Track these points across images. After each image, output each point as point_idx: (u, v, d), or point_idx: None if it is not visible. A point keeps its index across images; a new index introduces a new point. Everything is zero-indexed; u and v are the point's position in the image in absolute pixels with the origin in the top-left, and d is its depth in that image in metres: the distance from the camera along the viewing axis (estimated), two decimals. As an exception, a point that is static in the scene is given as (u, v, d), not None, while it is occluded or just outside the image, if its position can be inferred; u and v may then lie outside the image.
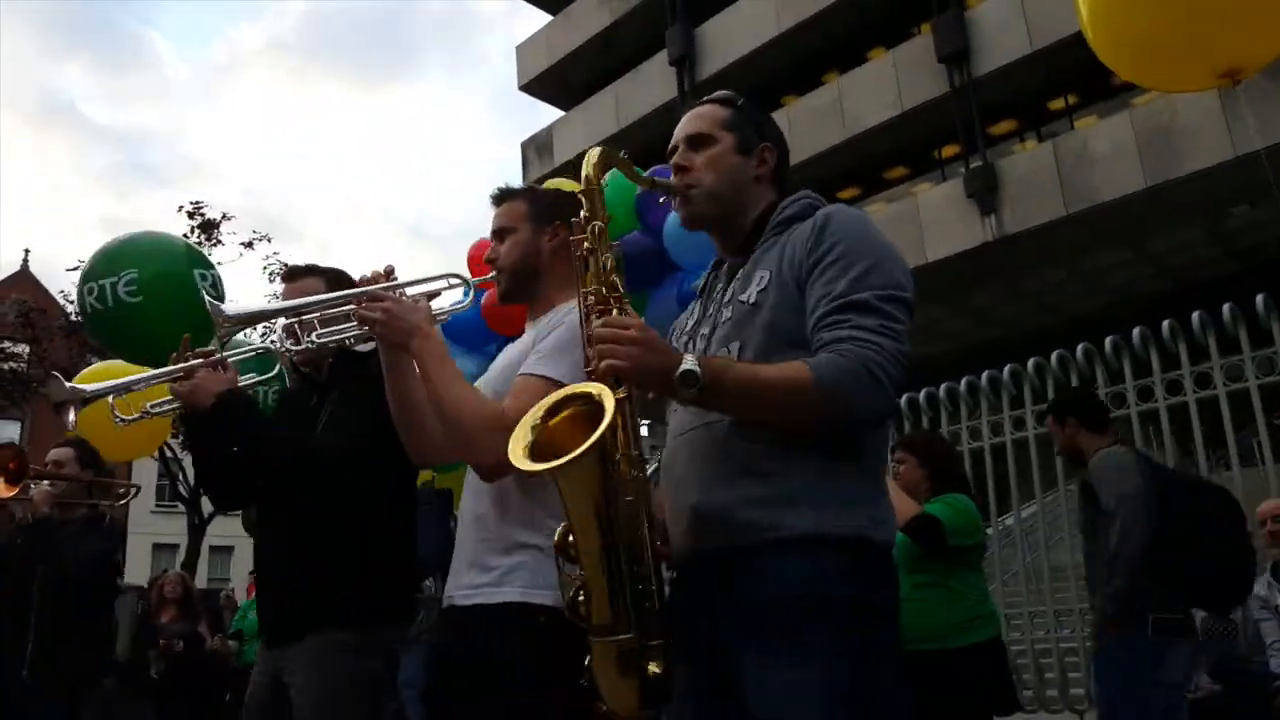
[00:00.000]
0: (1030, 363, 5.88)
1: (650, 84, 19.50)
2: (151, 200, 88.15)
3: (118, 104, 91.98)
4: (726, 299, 1.69)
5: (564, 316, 1.93)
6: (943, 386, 6.18)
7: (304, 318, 2.09)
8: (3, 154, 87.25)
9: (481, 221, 2.19)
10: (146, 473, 21.82)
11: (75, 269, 18.09)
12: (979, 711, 3.36)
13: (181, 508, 18.41)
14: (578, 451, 1.35)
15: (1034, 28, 14.27)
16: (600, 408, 1.38)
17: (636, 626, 1.45)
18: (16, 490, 3.61)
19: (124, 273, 3.99)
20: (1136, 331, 5.55)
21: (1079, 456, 3.77)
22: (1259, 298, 5.21)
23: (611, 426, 1.37)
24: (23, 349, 18.73)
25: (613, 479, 1.43)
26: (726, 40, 18.71)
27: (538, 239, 2.07)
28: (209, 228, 17.97)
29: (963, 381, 6.10)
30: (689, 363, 1.41)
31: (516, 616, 1.81)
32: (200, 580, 18.42)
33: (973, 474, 6.00)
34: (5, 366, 18.33)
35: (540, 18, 24.04)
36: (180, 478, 17.41)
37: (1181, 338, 5.44)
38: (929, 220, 14.87)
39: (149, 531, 25.56)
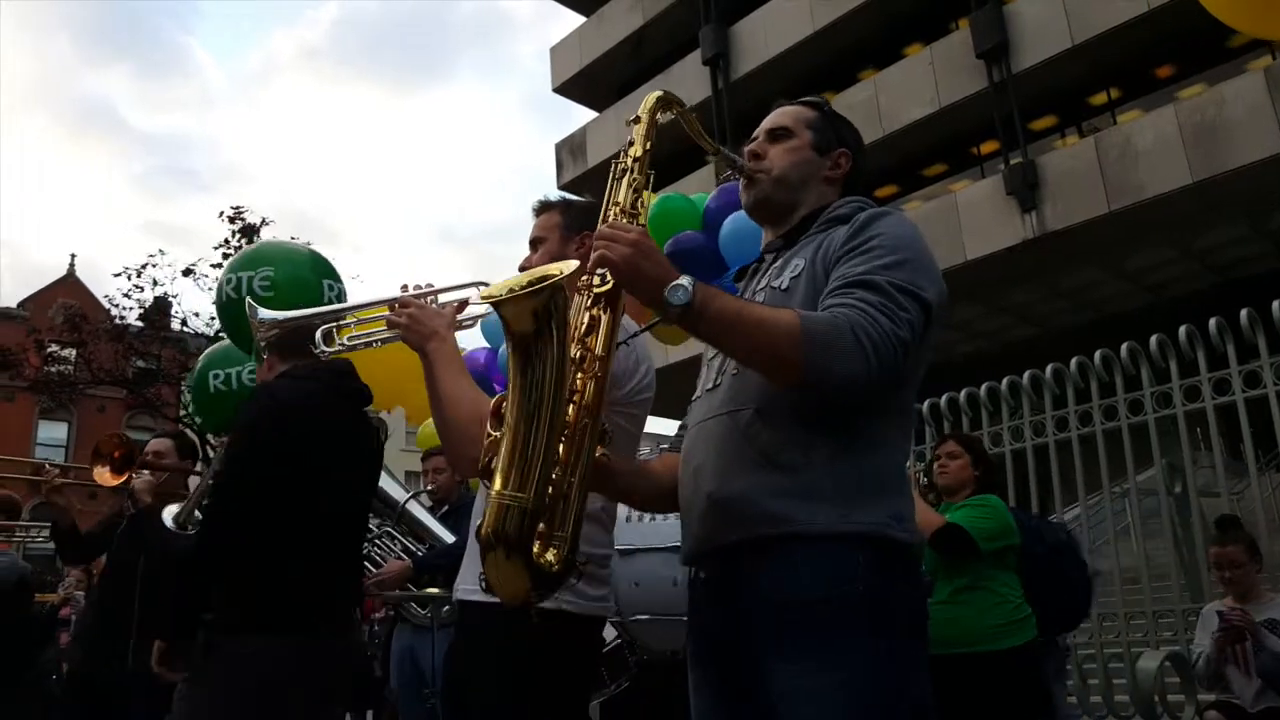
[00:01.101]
0: (1073, 362, 5.76)
1: (684, 84, 19.47)
2: (192, 205, 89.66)
3: (158, 110, 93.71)
4: (761, 285, 1.70)
5: None
6: (983, 386, 6.09)
7: (341, 322, 2.19)
8: (48, 160, 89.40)
9: (512, 224, 2.23)
10: (190, 473, 22.17)
11: (120, 274, 18.51)
12: (1020, 716, 3.32)
13: (224, 508, 18.67)
14: (518, 290, 1.39)
15: (1075, 21, 14.05)
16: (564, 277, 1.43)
17: (536, 495, 1.39)
18: (123, 479, 3.69)
19: (260, 269, 4.35)
20: (1183, 330, 5.42)
21: None
22: (1311, 294, 5.07)
23: (564, 297, 1.41)
24: (70, 352, 19.14)
25: (554, 348, 1.41)
26: (761, 38, 18.64)
27: (565, 248, 2.13)
28: (249, 232, 18.27)
29: (1004, 381, 6.00)
30: (685, 279, 1.40)
31: (511, 615, 1.83)
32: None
33: (1014, 475, 5.92)
34: (54, 369, 18.74)
35: (573, 19, 24.14)
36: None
37: (1229, 336, 5.31)
38: (968, 218, 14.69)
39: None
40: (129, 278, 18.45)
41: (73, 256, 32.56)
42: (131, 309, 18.68)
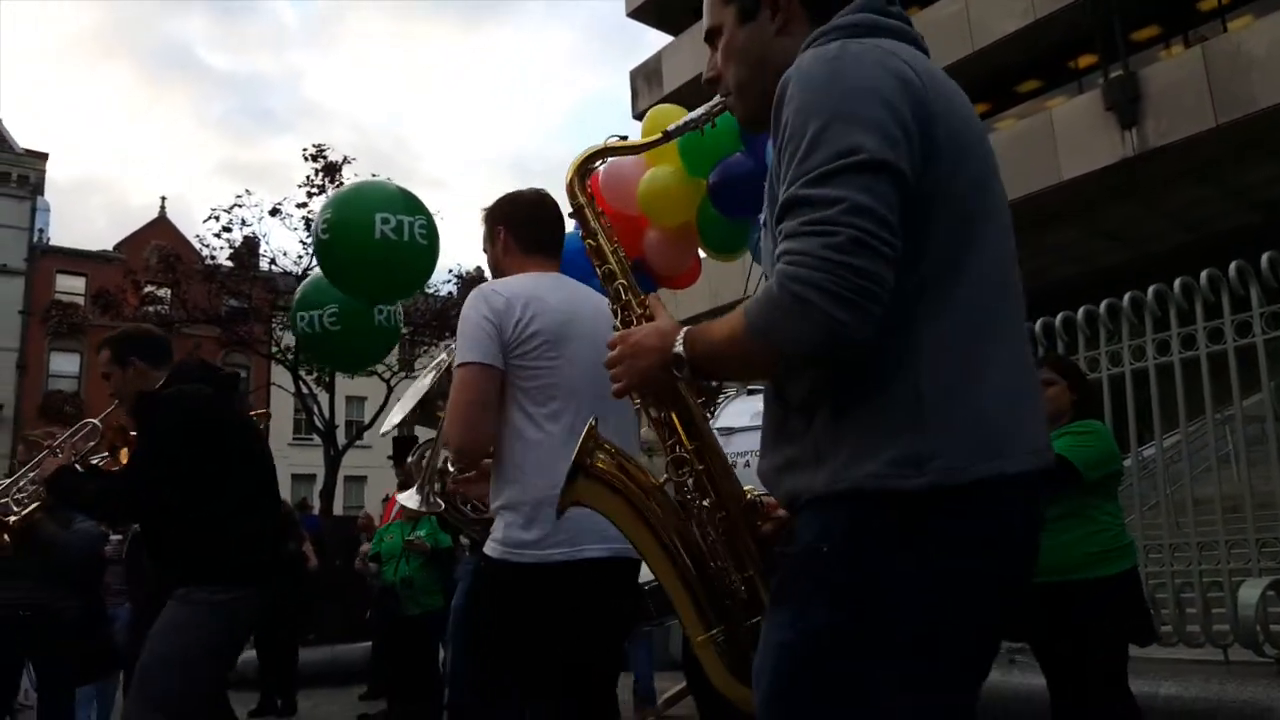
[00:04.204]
0: (1177, 283, 5.50)
1: (762, 5, 18.89)
2: (271, 144, 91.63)
3: (234, 51, 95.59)
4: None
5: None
6: (1081, 310, 5.86)
7: None
8: (135, 105, 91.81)
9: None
10: (284, 406, 23.04)
11: (209, 218, 19.02)
12: (1119, 642, 3.26)
13: (317, 440, 19.35)
14: (564, 492, 1.57)
15: (1183, -80, 13.15)
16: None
17: (719, 619, 1.47)
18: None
19: (416, 217, 4.48)
20: (1298, 246, 5.12)
21: None
22: None
23: (590, 451, 1.56)
24: (165, 293, 19.83)
25: (644, 497, 1.52)
26: (842, -47, 17.90)
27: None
28: (332, 170, 18.49)
29: (1102, 304, 5.76)
30: (678, 345, 1.31)
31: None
32: (336, 508, 19.44)
33: (1112, 401, 5.72)
34: (151, 309, 19.44)
35: (648, -59, 23.53)
36: (315, 411, 18.27)
37: (1349, 252, 5.00)
38: (1064, 136, 14.03)
39: (288, 463, 27.12)
40: (217, 218, 18.95)
41: (163, 199, 33.45)
42: (222, 249, 19.23)
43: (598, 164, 1.73)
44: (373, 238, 4.29)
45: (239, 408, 3.45)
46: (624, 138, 1.77)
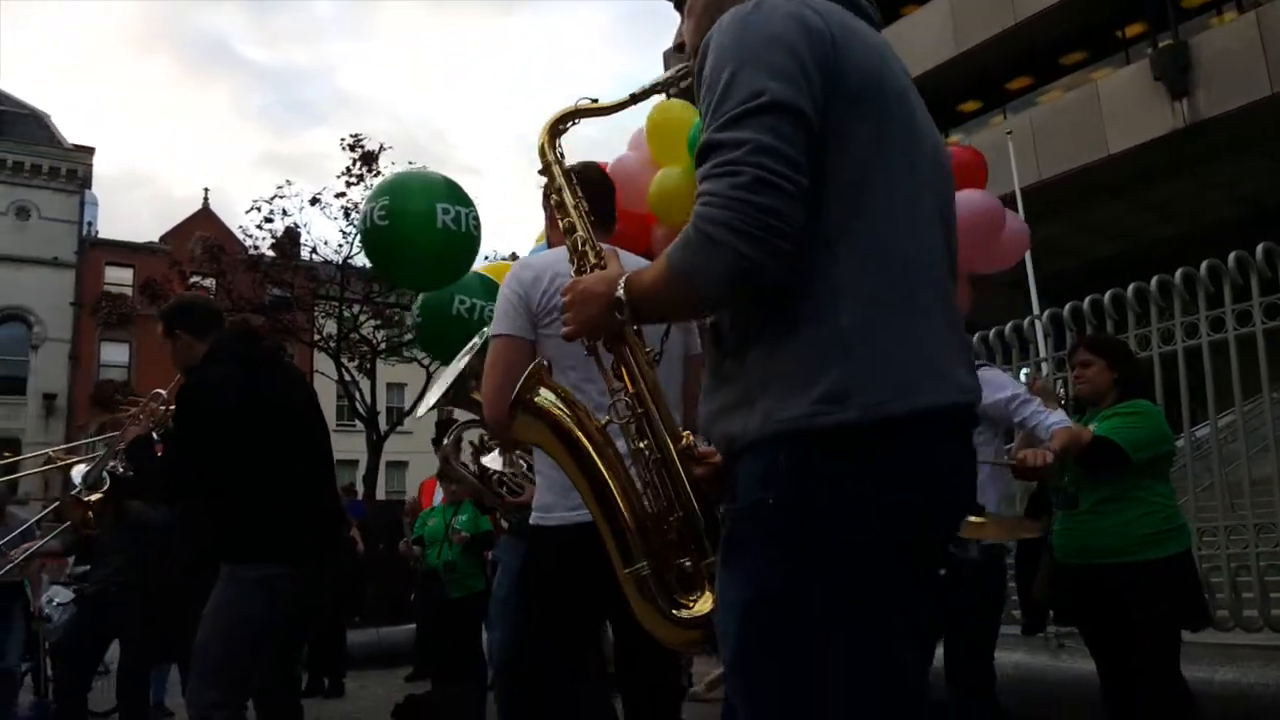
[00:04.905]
0: (1231, 257, 5.32)
1: (799, -18, 18.61)
2: (309, 135, 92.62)
3: (271, 44, 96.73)
4: None
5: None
6: (1130, 286, 5.70)
7: None
8: (175, 99, 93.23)
9: (615, 139, 2.17)
10: (326, 394, 23.33)
11: (251, 209, 19.26)
12: (1170, 626, 3.18)
13: (360, 426, 19.58)
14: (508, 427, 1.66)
15: (1235, -119, 12.73)
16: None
17: (646, 556, 1.51)
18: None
19: (469, 209, 4.57)
20: (1362, 217, 4.93)
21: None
22: None
23: (531, 388, 1.61)
24: (210, 283, 20.16)
25: (576, 431, 1.59)
26: (880, -73, 17.58)
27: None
28: (369, 159, 18.64)
29: (1153, 280, 5.60)
30: (619, 290, 1.36)
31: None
32: (379, 493, 19.67)
33: (1164, 380, 5.57)
34: (197, 299, 19.73)
35: (682, -80, 23.29)
36: (358, 397, 18.49)
37: None
38: (1111, 108, 13.69)
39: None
40: (258, 209, 19.21)
41: (206, 191, 34.17)
42: (264, 239, 19.50)
43: (569, 124, 1.81)
44: (435, 227, 4.36)
45: (282, 381, 3.33)
46: (595, 100, 1.79)
